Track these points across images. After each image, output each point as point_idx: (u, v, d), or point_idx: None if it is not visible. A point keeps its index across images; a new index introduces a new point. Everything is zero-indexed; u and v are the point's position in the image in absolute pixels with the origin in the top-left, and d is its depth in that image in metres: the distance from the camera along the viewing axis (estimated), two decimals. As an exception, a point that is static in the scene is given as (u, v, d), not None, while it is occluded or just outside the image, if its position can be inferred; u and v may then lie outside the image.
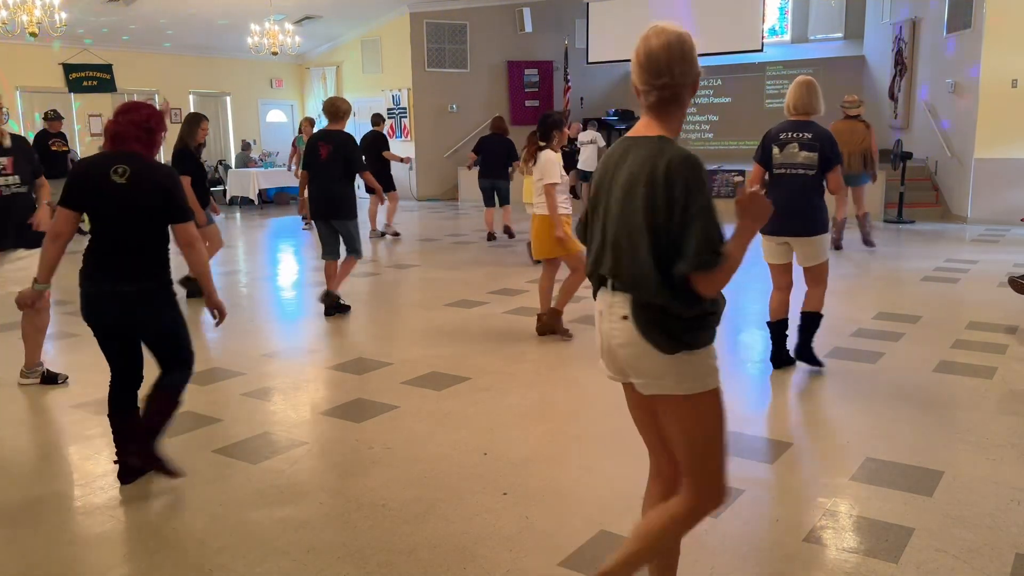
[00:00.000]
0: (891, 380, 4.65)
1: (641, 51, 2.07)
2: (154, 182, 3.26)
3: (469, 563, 2.75)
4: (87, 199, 3.24)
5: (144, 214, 3.24)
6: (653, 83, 2.05)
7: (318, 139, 6.52)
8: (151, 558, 2.83)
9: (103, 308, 3.27)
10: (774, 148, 4.59)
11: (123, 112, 3.31)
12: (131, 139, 3.25)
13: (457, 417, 4.17)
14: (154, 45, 15.63)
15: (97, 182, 3.21)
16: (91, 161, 3.35)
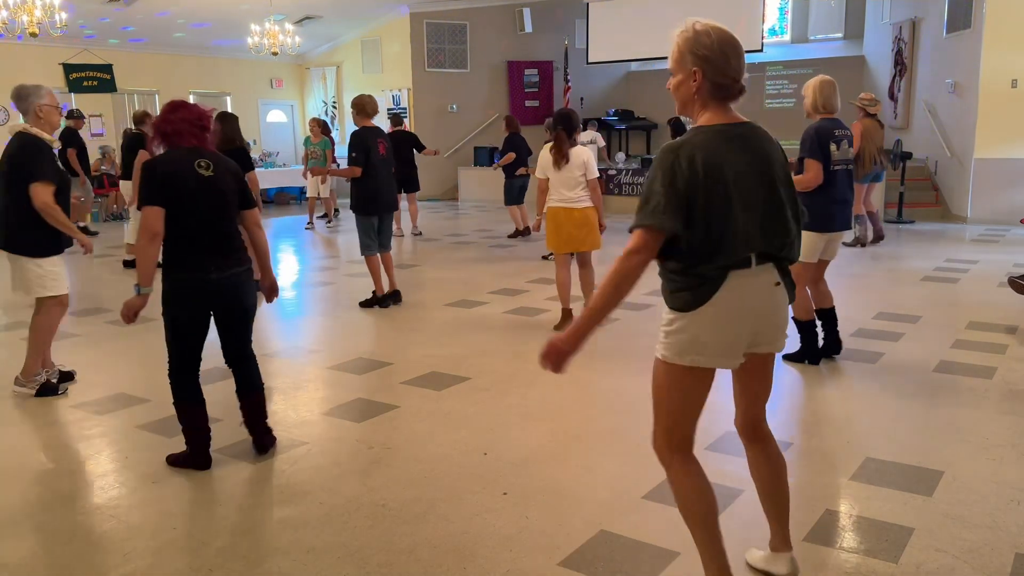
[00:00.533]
0: (891, 380, 4.65)
1: (736, 43, 2.23)
2: (232, 172, 3.56)
3: (469, 563, 2.75)
4: (181, 194, 3.37)
5: (230, 202, 3.52)
6: (743, 75, 2.26)
7: (378, 137, 6.66)
8: (151, 558, 2.83)
9: (208, 294, 3.46)
10: (832, 145, 4.69)
11: (173, 111, 3.45)
12: (188, 136, 3.42)
13: (457, 417, 4.17)
14: (154, 45, 15.63)
15: (186, 177, 3.38)
16: (169, 158, 3.43)
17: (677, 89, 2.29)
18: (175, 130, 3.41)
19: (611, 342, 5.65)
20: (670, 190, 2.14)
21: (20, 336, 5.42)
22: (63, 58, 14.55)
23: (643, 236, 2.18)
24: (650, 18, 15.64)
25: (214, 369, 5.11)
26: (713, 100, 2.24)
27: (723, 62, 2.19)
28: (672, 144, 2.21)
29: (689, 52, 2.21)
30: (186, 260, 3.41)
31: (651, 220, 2.15)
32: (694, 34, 2.20)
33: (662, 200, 2.14)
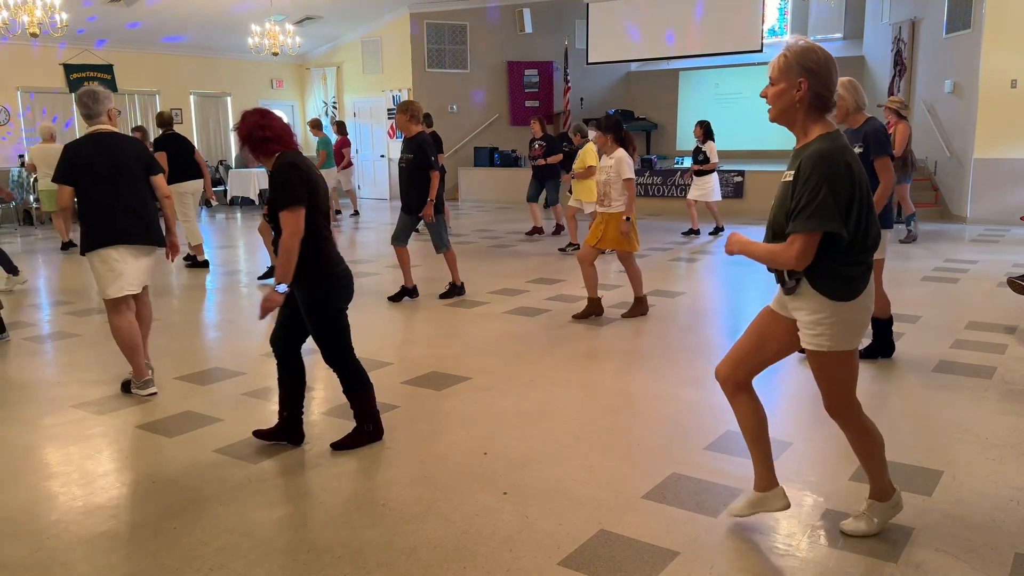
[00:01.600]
0: (891, 380, 4.65)
1: (835, 62, 2.51)
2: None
3: (469, 563, 2.75)
4: (317, 194, 3.56)
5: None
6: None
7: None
8: (151, 558, 2.83)
9: (351, 285, 3.74)
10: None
11: (265, 115, 3.59)
12: (290, 137, 3.62)
13: (457, 417, 4.18)
14: (155, 45, 15.64)
15: (316, 177, 3.60)
16: (299, 160, 3.59)
17: (778, 97, 2.53)
18: (281, 135, 3.58)
19: (611, 342, 5.66)
20: (833, 194, 2.40)
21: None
22: (63, 58, 14.55)
23: (805, 240, 2.44)
24: (650, 18, 15.64)
25: (215, 370, 5.12)
26: (815, 110, 2.50)
27: (827, 76, 2.48)
28: (823, 151, 2.44)
29: (797, 63, 2.46)
30: (332, 255, 3.64)
31: (819, 224, 2.41)
32: (802, 48, 2.48)
33: (829, 204, 2.40)
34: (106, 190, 4.47)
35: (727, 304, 6.97)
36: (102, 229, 4.48)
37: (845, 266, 2.49)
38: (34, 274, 9.12)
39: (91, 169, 4.45)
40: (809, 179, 2.42)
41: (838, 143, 2.46)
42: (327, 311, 3.64)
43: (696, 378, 4.78)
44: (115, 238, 4.48)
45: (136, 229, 4.54)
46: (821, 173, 2.41)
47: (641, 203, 13.69)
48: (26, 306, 7.22)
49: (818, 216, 2.40)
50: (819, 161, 2.42)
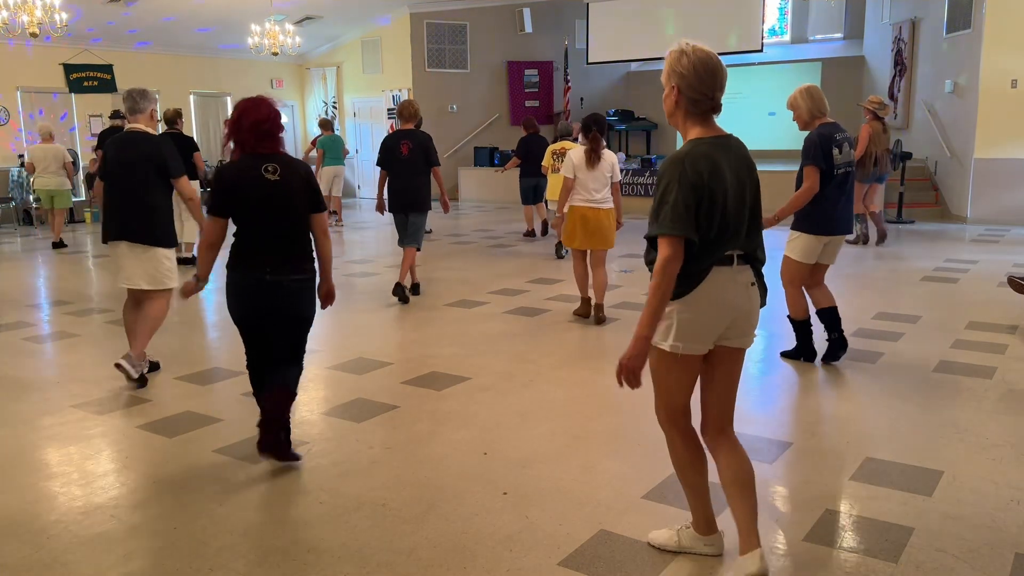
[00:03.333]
0: (891, 380, 4.65)
1: (719, 63, 2.46)
2: (302, 176, 3.61)
3: (469, 563, 2.75)
4: (237, 198, 3.57)
5: (297, 206, 3.63)
6: (721, 92, 2.48)
7: (401, 138, 6.99)
8: (151, 558, 2.83)
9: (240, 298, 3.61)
10: (835, 150, 4.65)
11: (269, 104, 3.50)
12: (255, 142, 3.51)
13: (457, 417, 4.18)
14: (154, 45, 15.64)
15: (251, 184, 3.54)
16: (235, 166, 3.58)
17: (664, 102, 2.55)
18: (240, 139, 3.47)
19: (611, 342, 5.66)
20: (683, 198, 2.35)
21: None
22: (64, 58, 14.55)
23: (675, 243, 2.36)
24: (650, 18, 15.64)
25: (215, 370, 5.12)
26: (692, 114, 2.48)
27: (696, 80, 2.43)
28: (678, 156, 2.41)
29: (671, 69, 2.48)
30: (236, 260, 3.53)
31: (678, 229, 2.35)
32: (671, 54, 2.50)
33: (681, 208, 2.35)
34: (117, 187, 4.72)
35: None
36: (107, 224, 4.78)
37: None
38: (33, 274, 9.12)
39: (115, 165, 4.71)
40: (660, 180, 2.43)
41: (698, 149, 2.43)
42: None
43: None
44: (117, 234, 4.73)
45: (134, 227, 4.70)
46: (667, 177, 2.41)
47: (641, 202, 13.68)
48: (26, 306, 7.22)
49: (665, 221, 2.36)
50: (670, 166, 2.42)
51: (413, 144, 6.93)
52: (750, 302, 2.54)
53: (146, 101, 4.78)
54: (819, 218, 4.71)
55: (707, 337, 2.50)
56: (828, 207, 4.71)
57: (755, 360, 5.11)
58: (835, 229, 4.78)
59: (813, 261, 4.85)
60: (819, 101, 4.68)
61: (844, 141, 4.70)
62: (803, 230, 4.79)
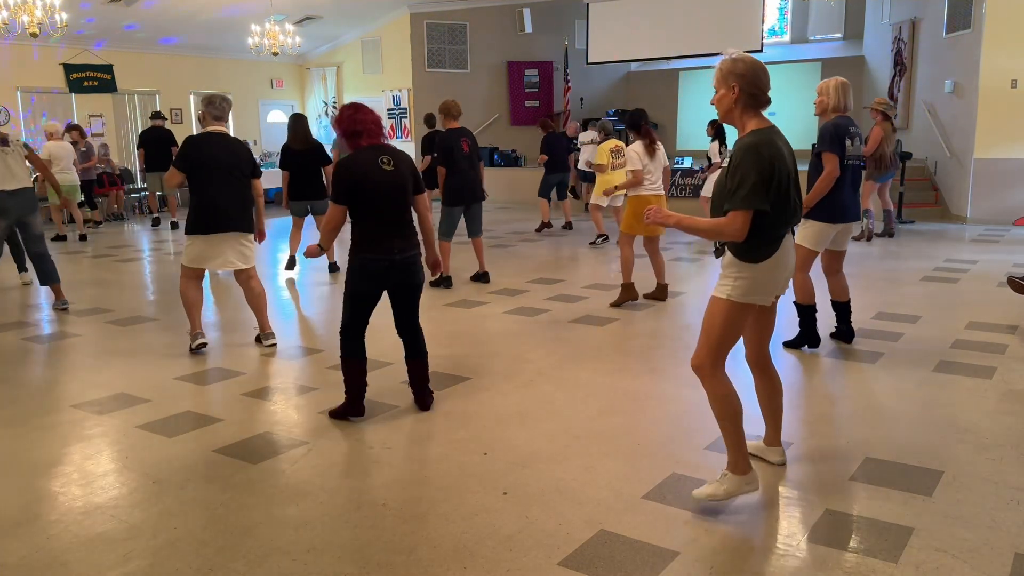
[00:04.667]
0: (891, 380, 4.65)
1: (764, 66, 2.97)
2: (408, 164, 4.22)
3: (469, 563, 2.75)
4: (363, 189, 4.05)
5: (407, 191, 4.20)
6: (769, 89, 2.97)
7: (460, 136, 7.77)
8: (151, 558, 2.83)
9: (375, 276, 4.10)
10: (848, 141, 4.92)
11: (358, 110, 4.01)
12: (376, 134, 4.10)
13: (457, 417, 4.18)
14: (154, 45, 15.64)
15: (371, 172, 4.06)
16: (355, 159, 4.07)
17: (720, 101, 2.99)
18: (364, 129, 3.96)
19: (612, 342, 5.66)
20: (758, 178, 2.83)
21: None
22: (63, 58, 14.55)
23: (744, 217, 2.85)
24: (650, 18, 15.64)
25: (213, 370, 5.12)
26: (750, 108, 2.96)
27: (755, 79, 2.93)
28: (750, 143, 2.88)
29: (730, 72, 2.93)
30: (364, 243, 3.95)
31: (750, 204, 2.84)
32: (731, 61, 2.95)
33: (756, 187, 2.83)
34: (215, 182, 5.20)
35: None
36: (201, 217, 5.25)
37: (755, 236, 2.90)
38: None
39: (213, 163, 5.17)
40: (739, 166, 2.86)
41: (764, 137, 2.90)
42: (347, 283, 4.07)
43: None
44: (222, 226, 5.27)
45: (238, 218, 5.32)
46: (742, 160, 2.86)
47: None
48: (26, 306, 7.22)
49: (743, 197, 2.83)
50: (745, 150, 2.88)
51: (471, 141, 7.72)
52: (794, 259, 3.13)
53: (229, 107, 5.41)
54: (831, 206, 4.93)
55: (775, 291, 3.06)
56: (840, 195, 4.93)
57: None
58: (846, 216, 4.98)
59: (823, 248, 5.06)
60: (848, 98, 4.96)
61: (856, 135, 4.97)
62: (815, 218, 4.96)
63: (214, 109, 5.26)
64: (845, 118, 4.97)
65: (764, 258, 2.95)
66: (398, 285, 4.07)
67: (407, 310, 4.19)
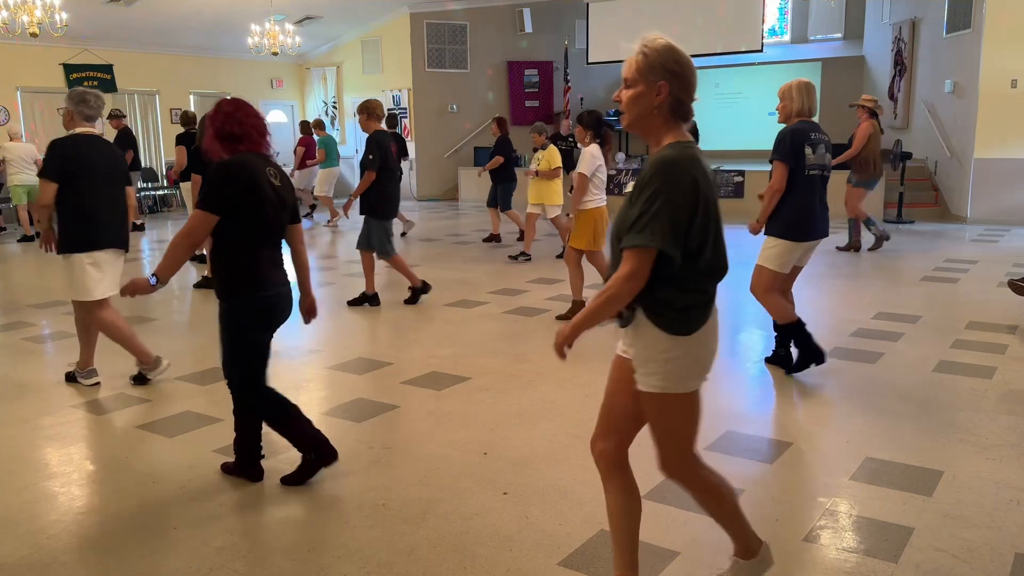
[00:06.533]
0: (891, 380, 4.65)
1: (691, 63, 2.18)
2: (290, 185, 3.50)
3: (469, 563, 2.75)
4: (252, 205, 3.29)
5: (289, 214, 3.49)
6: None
7: (390, 140, 6.77)
8: (151, 558, 2.83)
9: (271, 312, 3.35)
10: (807, 149, 4.47)
11: (239, 109, 3.33)
12: (257, 141, 3.38)
13: (457, 417, 4.18)
14: (154, 45, 15.63)
15: (264, 185, 3.31)
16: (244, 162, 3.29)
17: (634, 101, 2.17)
18: (244, 132, 3.26)
19: (611, 342, 5.65)
20: (674, 207, 2.04)
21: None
22: (63, 58, 14.55)
23: (648, 258, 2.06)
24: (650, 18, 15.63)
25: (215, 370, 5.11)
26: (673, 117, 2.16)
27: (689, 81, 2.15)
28: (668, 157, 2.08)
29: (660, 64, 2.12)
30: (253, 273, 3.21)
31: (657, 242, 2.03)
32: (664, 47, 2.13)
33: (670, 217, 2.03)
34: (98, 192, 4.54)
35: (727, 304, 6.96)
36: (88, 230, 4.59)
37: (681, 293, 2.12)
38: (31, 273, 9.11)
39: (92, 170, 4.51)
40: (647, 187, 2.07)
41: (688, 152, 2.12)
42: (233, 329, 3.30)
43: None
44: (109, 241, 4.63)
45: (123, 233, 4.72)
46: (654, 182, 2.06)
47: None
48: (26, 306, 7.22)
49: (649, 230, 2.03)
50: (662, 167, 2.07)
51: (398, 147, 6.91)
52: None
53: (103, 107, 4.71)
54: (796, 223, 4.51)
55: (710, 367, 2.26)
56: (805, 211, 4.51)
57: (755, 360, 5.11)
58: (813, 233, 4.57)
59: (788, 270, 4.66)
60: (812, 99, 4.53)
61: (820, 143, 4.52)
62: (778, 235, 4.55)
63: (87, 108, 4.55)
64: (807, 123, 4.52)
65: (700, 323, 2.17)
66: (280, 323, 3.38)
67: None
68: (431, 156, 16.87)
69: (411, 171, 16.77)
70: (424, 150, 16.79)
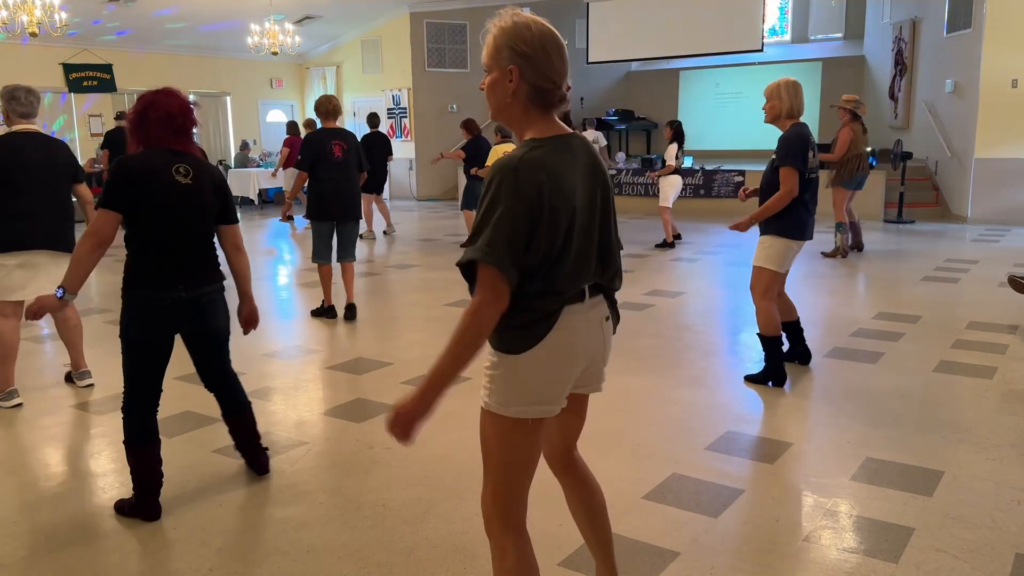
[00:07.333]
0: (891, 380, 4.65)
1: (561, 42, 1.95)
2: (216, 182, 3.25)
3: (469, 563, 2.75)
4: (149, 203, 3.11)
5: (208, 215, 3.25)
6: (566, 79, 1.94)
7: (331, 137, 6.27)
8: (151, 558, 2.83)
9: (156, 317, 3.13)
10: (809, 152, 4.46)
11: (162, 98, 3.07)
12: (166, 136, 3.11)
13: (457, 417, 4.17)
14: (154, 45, 15.63)
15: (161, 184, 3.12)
16: (136, 160, 3.11)
17: (492, 89, 1.91)
18: (151, 129, 3.05)
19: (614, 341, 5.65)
20: (511, 219, 1.77)
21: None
22: (63, 58, 14.55)
23: (498, 278, 1.78)
24: (650, 18, 15.64)
25: (214, 369, 5.11)
26: (534, 106, 1.89)
27: (546, 62, 1.88)
28: (508, 161, 1.81)
29: (507, 46, 1.87)
30: (144, 274, 3.05)
31: (489, 255, 1.77)
32: (513, 26, 1.88)
33: (506, 232, 1.77)
34: (40, 191, 4.39)
35: (727, 304, 6.97)
36: (28, 230, 4.42)
37: (510, 310, 1.84)
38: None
39: (26, 167, 4.35)
40: (485, 194, 1.81)
41: (535, 153, 1.82)
42: (124, 335, 3.12)
43: (696, 378, 4.78)
44: (43, 241, 4.44)
45: (61, 234, 4.51)
46: (493, 190, 1.79)
47: (640, 203, 13.68)
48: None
49: (484, 246, 1.77)
50: (497, 174, 1.79)
51: (347, 145, 6.32)
52: (604, 342, 2.09)
53: (38, 102, 4.50)
54: (794, 222, 4.48)
55: (560, 394, 1.96)
56: (803, 211, 4.48)
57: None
58: (806, 233, 4.54)
59: (788, 269, 4.63)
60: (800, 99, 4.48)
61: (814, 145, 4.53)
62: (779, 233, 4.49)
63: (18, 106, 4.38)
64: (802, 125, 4.48)
65: (529, 344, 1.87)
66: (190, 331, 3.22)
67: (208, 360, 3.36)
68: (431, 156, 16.84)
69: (410, 171, 16.78)
70: (424, 150, 16.77)
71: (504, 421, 1.92)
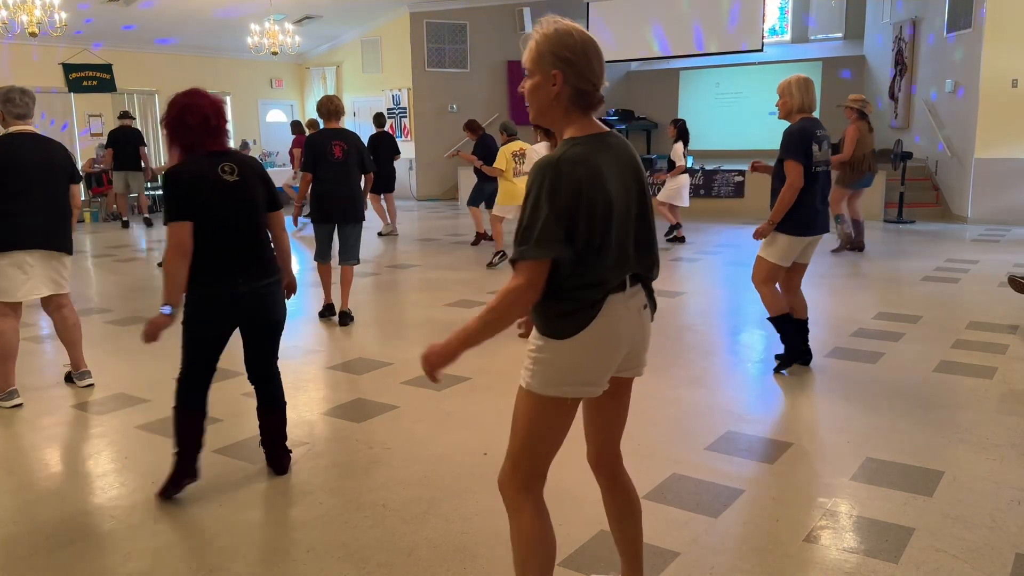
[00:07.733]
0: (891, 380, 4.65)
1: (599, 47, 2.10)
2: (260, 175, 3.44)
3: (469, 563, 2.75)
4: (206, 205, 3.28)
5: (258, 206, 3.43)
6: (603, 82, 2.13)
7: (331, 138, 6.22)
8: (151, 558, 2.83)
9: (217, 307, 3.32)
10: (815, 146, 4.53)
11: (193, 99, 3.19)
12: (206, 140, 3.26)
13: (457, 417, 4.17)
14: (154, 45, 15.63)
15: (209, 186, 3.27)
16: (189, 168, 3.26)
17: (534, 93, 2.06)
18: (191, 136, 3.18)
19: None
20: (555, 212, 1.92)
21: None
22: (63, 58, 14.55)
23: (536, 270, 1.95)
24: (650, 18, 15.64)
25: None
26: (575, 108, 2.05)
27: (587, 66, 2.04)
28: (549, 160, 1.96)
29: (550, 52, 2.01)
30: (213, 271, 3.20)
31: (543, 252, 1.93)
32: (555, 33, 2.02)
33: (552, 225, 1.92)
34: (36, 193, 4.41)
35: (727, 304, 6.97)
36: (20, 230, 4.44)
37: (552, 298, 2.00)
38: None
39: (22, 168, 4.38)
40: (530, 192, 1.96)
41: (575, 151, 1.97)
42: (186, 324, 3.30)
43: (696, 378, 4.78)
44: (37, 242, 4.47)
45: (55, 234, 4.53)
46: (535, 187, 1.95)
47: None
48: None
49: (528, 242, 1.93)
50: (538, 172, 1.95)
51: (348, 145, 6.26)
52: (643, 329, 2.22)
53: (33, 103, 4.51)
54: (801, 218, 4.56)
55: (602, 376, 2.11)
56: (809, 206, 4.56)
57: (755, 360, 5.11)
58: (814, 228, 4.63)
59: (790, 263, 4.70)
60: (812, 95, 4.59)
61: (824, 139, 4.60)
62: (784, 231, 4.59)
63: (13, 107, 4.40)
64: (811, 120, 4.58)
65: (573, 330, 2.02)
66: (249, 323, 3.36)
67: (261, 352, 3.46)
68: (431, 156, 16.86)
69: (410, 171, 16.77)
70: (424, 150, 16.78)
71: (541, 400, 2.13)
